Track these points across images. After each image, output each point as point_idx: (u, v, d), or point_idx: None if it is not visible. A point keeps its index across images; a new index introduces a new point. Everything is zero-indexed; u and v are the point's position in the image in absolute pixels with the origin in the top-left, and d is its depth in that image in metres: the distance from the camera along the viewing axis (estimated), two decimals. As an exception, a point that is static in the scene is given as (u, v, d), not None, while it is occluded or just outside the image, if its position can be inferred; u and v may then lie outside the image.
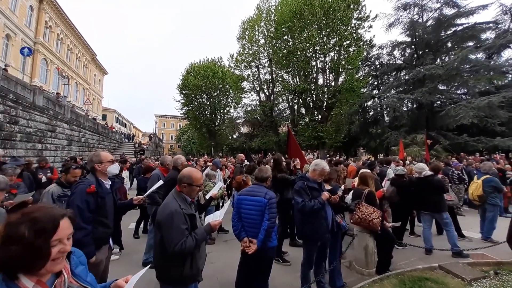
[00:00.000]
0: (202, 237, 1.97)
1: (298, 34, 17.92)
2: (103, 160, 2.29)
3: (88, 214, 2.10)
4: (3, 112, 9.12)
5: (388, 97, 17.21)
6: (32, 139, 10.93)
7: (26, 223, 0.83)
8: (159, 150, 30.51)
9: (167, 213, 1.87)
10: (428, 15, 17.58)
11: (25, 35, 20.07)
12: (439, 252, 4.15)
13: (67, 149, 14.11)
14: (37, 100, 11.55)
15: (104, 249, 2.30)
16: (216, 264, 3.88)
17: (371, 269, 3.52)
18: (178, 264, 1.88)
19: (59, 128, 13.45)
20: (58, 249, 0.88)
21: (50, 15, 23.18)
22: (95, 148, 18.51)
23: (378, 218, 3.29)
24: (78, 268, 1.07)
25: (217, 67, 28.82)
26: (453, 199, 5.17)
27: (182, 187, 2.01)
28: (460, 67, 14.92)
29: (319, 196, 2.85)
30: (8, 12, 17.93)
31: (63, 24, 25.65)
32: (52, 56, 23.74)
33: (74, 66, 28.57)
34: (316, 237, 2.88)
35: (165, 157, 4.14)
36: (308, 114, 20.25)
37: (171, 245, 1.78)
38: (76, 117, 16.43)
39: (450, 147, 12.64)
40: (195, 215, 2.04)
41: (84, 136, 17.09)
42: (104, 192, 2.23)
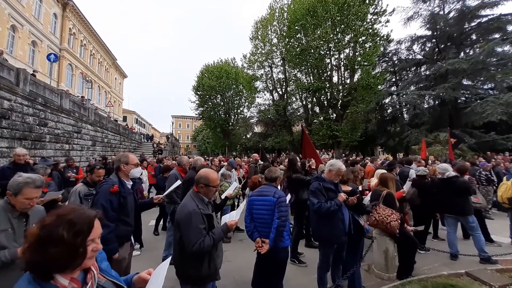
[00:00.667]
0: (219, 236, 2.01)
1: (311, 32, 17.65)
2: (130, 162, 2.41)
3: (112, 212, 2.21)
4: (33, 115, 9.79)
5: (407, 94, 16.56)
6: (60, 140, 11.64)
7: (64, 225, 0.87)
8: (176, 150, 31.36)
9: (185, 213, 1.92)
10: (450, 6, 16.69)
11: (50, 41, 21.38)
12: (465, 257, 3.94)
13: (91, 149, 14.88)
14: (64, 103, 12.28)
15: (126, 246, 2.41)
16: (232, 263, 3.94)
17: (391, 274, 3.40)
18: (196, 263, 1.93)
19: (84, 129, 14.22)
20: (92, 248, 0.93)
21: (74, 22, 24.52)
22: (117, 148, 19.37)
23: (396, 220, 3.17)
24: (103, 264, 1.13)
25: (231, 67, 29.14)
26: (481, 202, 4.86)
27: (200, 187, 2.06)
28: (486, 61, 14.03)
29: (335, 197, 2.80)
30: (33, 20, 19.09)
31: (85, 31, 27.05)
32: (77, 62, 25.13)
33: (97, 71, 30.06)
34: (332, 239, 2.83)
35: (182, 158, 4.27)
36: (322, 113, 19.91)
37: (190, 245, 1.83)
38: (99, 119, 17.29)
39: (476, 146, 11.92)
40: (212, 215, 2.09)
41: (107, 137, 17.93)
42: (126, 192, 2.34)
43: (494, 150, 12.79)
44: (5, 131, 8.26)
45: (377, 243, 3.52)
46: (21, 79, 9.33)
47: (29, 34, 18.85)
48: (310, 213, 3.23)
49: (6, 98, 8.38)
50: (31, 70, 15.75)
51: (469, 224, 4.06)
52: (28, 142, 9.38)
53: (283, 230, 2.55)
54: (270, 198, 2.62)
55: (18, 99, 8.98)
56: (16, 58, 17.15)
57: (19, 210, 1.72)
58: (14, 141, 8.62)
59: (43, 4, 20.32)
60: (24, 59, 18.21)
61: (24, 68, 10.54)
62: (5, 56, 12.16)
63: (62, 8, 23.02)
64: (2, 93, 8.22)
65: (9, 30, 16.94)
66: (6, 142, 8.29)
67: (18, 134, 8.83)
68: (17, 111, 8.91)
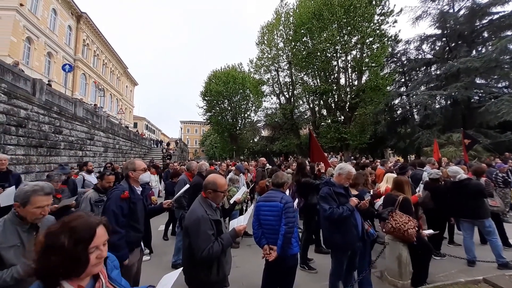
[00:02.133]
0: (228, 242, 2.00)
1: (317, 35, 17.63)
2: (137, 168, 2.46)
3: (122, 218, 2.25)
4: (48, 123, 10.19)
5: (417, 94, 16.19)
6: (74, 147, 12.04)
7: (65, 233, 0.88)
8: (185, 154, 31.73)
9: (194, 219, 1.92)
10: (460, 4, 16.32)
11: (65, 52, 22.32)
12: (483, 263, 3.77)
13: (103, 155, 15.29)
14: (78, 111, 12.73)
15: (136, 252, 2.44)
16: (241, 269, 3.91)
17: (405, 281, 3.28)
18: (205, 270, 1.93)
19: (96, 136, 14.67)
20: (96, 255, 0.93)
21: (87, 33, 25.54)
22: (128, 154, 19.83)
23: (414, 228, 3.01)
24: (113, 273, 1.13)
25: (237, 72, 29.49)
26: (499, 205, 4.64)
27: (208, 193, 2.06)
28: (500, 58, 13.56)
29: (346, 202, 2.72)
30: (48, 32, 20.00)
31: (98, 41, 28.09)
32: (90, 71, 26.09)
33: (109, 79, 31.09)
34: (346, 246, 2.73)
35: (191, 163, 4.32)
36: (330, 115, 19.73)
37: (199, 251, 1.83)
38: (111, 126, 17.79)
39: (491, 147, 11.45)
40: (220, 220, 2.08)
41: (118, 143, 18.40)
42: (136, 198, 2.39)
43: (511, 151, 12.26)
44: (22, 139, 8.62)
45: (390, 248, 3.41)
46: (37, 89, 9.75)
47: (44, 46, 19.74)
48: (321, 218, 3.17)
49: (22, 108, 8.77)
50: (46, 80, 16.44)
51: (486, 228, 3.89)
52: (44, 150, 9.75)
53: (290, 236, 2.50)
54: (276, 204, 2.58)
55: (34, 108, 9.38)
56: (33, 69, 17.96)
57: (30, 221, 1.59)
58: (30, 148, 8.98)
59: (58, 17, 21.30)
60: (40, 69, 19.05)
61: (40, 78, 11.03)
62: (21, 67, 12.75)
63: (76, 20, 24.05)
64: (19, 102, 8.61)
65: (24, 41, 17.79)
66: (23, 150, 8.64)
67: (34, 142, 9.19)
68: (33, 120, 9.30)
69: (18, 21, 16.98)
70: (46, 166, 9.67)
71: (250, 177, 8.19)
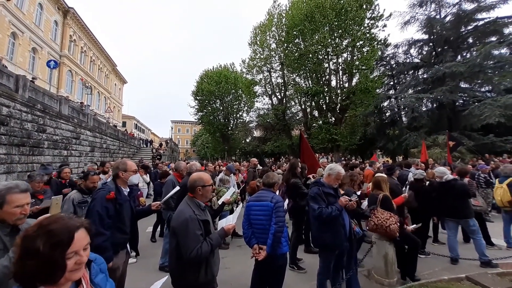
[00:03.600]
0: (217, 242, 1.98)
1: (309, 37, 17.81)
2: (128, 169, 2.40)
3: (108, 220, 2.18)
4: (31, 121, 9.79)
5: (405, 97, 16.59)
6: (59, 146, 11.62)
7: (41, 237, 0.83)
8: (175, 155, 31.29)
9: (182, 220, 1.89)
10: (446, 11, 16.88)
11: (51, 48, 21.54)
12: (466, 261, 3.90)
13: (90, 155, 14.84)
14: (63, 109, 12.31)
15: (122, 254, 2.36)
16: (230, 270, 3.89)
17: (391, 279, 3.36)
18: (193, 271, 1.90)
19: (82, 135, 14.22)
20: (75, 260, 0.88)
21: (74, 29, 24.76)
22: (116, 153, 19.34)
23: (395, 223, 3.13)
24: (98, 277, 1.07)
25: (230, 72, 29.38)
26: (481, 205, 4.83)
27: (197, 191, 2.04)
28: (483, 64, 14.11)
29: (335, 202, 2.76)
30: (33, 27, 19.25)
31: (86, 37, 27.29)
32: (77, 68, 25.29)
33: (97, 77, 30.23)
34: (334, 245, 2.77)
35: (179, 163, 4.21)
36: (321, 117, 19.97)
37: (187, 252, 1.80)
38: (98, 125, 17.29)
39: (475, 148, 11.92)
40: (209, 220, 2.06)
41: (106, 142, 17.91)
42: (122, 199, 2.32)
43: (493, 153, 12.80)
44: (3, 138, 8.25)
45: (377, 247, 3.48)
46: (21, 86, 9.36)
47: (29, 41, 19.00)
48: (310, 218, 3.20)
49: (5, 105, 8.39)
50: (30, 76, 15.83)
51: (470, 227, 4.03)
52: (26, 149, 9.36)
53: (280, 235, 2.52)
54: (267, 203, 2.59)
55: (17, 106, 8.99)
56: (16, 65, 17.26)
57: (12, 223, 1.51)
58: (12, 147, 8.60)
59: (44, 12, 20.56)
60: (24, 65, 18.32)
61: (24, 74, 10.58)
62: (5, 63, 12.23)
63: (63, 15, 23.28)
64: (1, 99, 8.24)
65: (9, 37, 17.09)
66: (4, 149, 8.27)
67: (16, 141, 8.81)
68: (16, 118, 8.91)
69: (4, 16, 16.33)
70: (28, 166, 9.29)
71: (241, 177, 8.17)
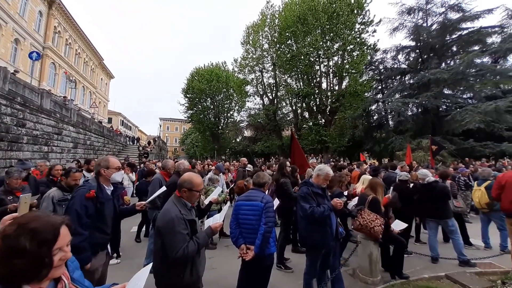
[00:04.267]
0: (204, 240, 1.96)
1: (301, 39, 18.00)
2: (111, 166, 2.29)
3: (86, 219, 2.08)
4: (10, 115, 9.29)
5: (392, 102, 17.11)
6: (39, 142, 11.10)
7: (25, 235, 0.82)
8: (163, 153, 30.69)
9: (167, 219, 1.85)
10: (433, 19, 17.53)
11: (34, 39, 20.56)
12: (445, 260, 4.04)
13: (72, 152, 14.28)
14: (44, 103, 11.76)
15: (101, 255, 2.26)
16: (217, 270, 3.84)
17: (375, 278, 3.43)
18: (178, 271, 1.86)
19: (65, 131, 13.65)
20: (60, 257, 0.88)
21: (59, 20, 23.74)
22: (100, 151, 18.71)
23: (380, 226, 3.21)
24: (75, 273, 1.07)
25: (221, 71, 29.16)
26: (462, 206, 5.05)
27: (182, 192, 2.00)
28: (466, 71, 14.76)
29: (323, 202, 2.80)
30: (17, 17, 18.34)
31: (71, 29, 26.24)
32: (61, 61, 24.25)
33: (82, 70, 29.11)
34: (321, 245, 2.81)
35: (167, 161, 4.09)
36: (311, 118, 20.22)
37: (173, 252, 1.77)
38: (82, 120, 16.66)
39: (456, 152, 12.43)
40: (195, 220, 2.03)
41: (90, 139, 17.30)
42: (104, 198, 2.22)
43: (473, 157, 13.43)
44: (-21, 131, 7.79)
45: (362, 247, 3.55)
46: (1, 78, 8.87)
47: (12, 32, 18.07)
48: (297, 218, 3.21)
49: (-20, 97, 7.92)
50: (11, 68, 15.02)
51: (449, 227, 4.20)
52: (5, 144, 8.88)
53: (269, 236, 2.51)
54: (257, 203, 2.57)
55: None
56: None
57: None
58: (-12, 142, 8.14)
59: (29, 2, 19.60)
60: (5, 57, 17.41)
61: (5, 66, 10.03)
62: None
63: (48, 6, 22.27)
64: (-23, 91, 7.77)
65: (-9, 27, 16.18)
66: (-21, 143, 7.81)
67: (-7, 135, 8.34)
68: (-7, 111, 8.44)
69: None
70: (6, 162, 8.81)
71: (230, 177, 8.12)
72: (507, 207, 3.33)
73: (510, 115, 13.00)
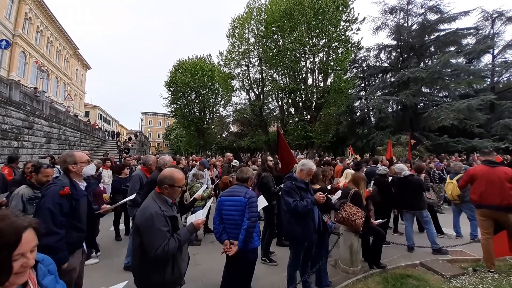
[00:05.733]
0: (186, 237, 1.91)
1: (288, 34, 17.97)
2: (78, 161, 2.15)
3: (61, 218, 1.96)
4: (-26, 107, 8.53)
5: (374, 99, 17.65)
6: (8, 136, 10.31)
7: None
8: (145, 148, 29.73)
9: (147, 216, 1.79)
10: (413, 19, 18.16)
11: (4, 27, 18.86)
12: (420, 249, 4.29)
13: (45, 147, 13.41)
14: (13, 95, 10.88)
15: (78, 254, 2.16)
16: (201, 266, 3.80)
17: (355, 268, 3.56)
18: (159, 269, 1.80)
19: (36, 124, 12.76)
20: (21, 263, 0.82)
21: (30, 6, 21.90)
22: (76, 146, 17.73)
23: (361, 219, 3.32)
24: (45, 279, 1.01)
25: (206, 64, 28.50)
26: (433, 198, 5.36)
27: (163, 188, 1.94)
28: (442, 71, 15.53)
29: (306, 196, 2.84)
30: (-14, 3, 16.79)
31: (43, 16, 24.33)
32: (31, 49, 22.47)
33: (54, 60, 27.16)
34: (303, 238, 2.86)
35: (148, 157, 3.91)
36: (297, 114, 20.40)
37: (153, 249, 1.71)
38: (56, 114, 15.62)
39: (432, 148, 13.14)
40: (176, 217, 1.97)
41: (65, 133, 16.31)
42: (78, 195, 2.10)
43: (447, 152, 14.26)
44: None
45: (343, 239, 3.66)
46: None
47: (-20, 19, 16.44)
48: (281, 212, 3.23)
49: None
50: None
51: (423, 218, 4.46)
52: (-33, 138, 8.15)
53: (253, 231, 2.51)
54: (240, 199, 2.55)
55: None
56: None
57: None
58: None
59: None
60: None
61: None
62: None
63: (19, -12, 20.46)
64: None
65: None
66: None
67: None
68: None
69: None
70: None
71: (215, 172, 8.03)
72: (477, 199, 3.56)
73: (481, 113, 13.91)
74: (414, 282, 3.16)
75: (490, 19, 16.72)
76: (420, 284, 3.13)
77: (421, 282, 3.16)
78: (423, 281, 3.19)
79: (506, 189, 3.31)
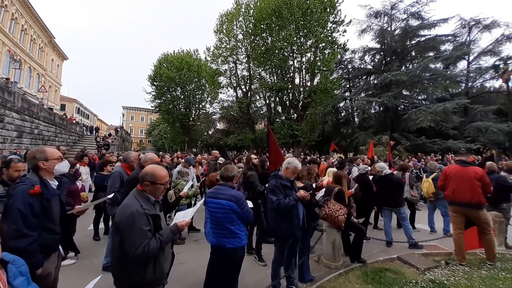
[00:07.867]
0: (168, 238, 1.85)
1: (276, 33, 18.01)
2: (49, 158, 1.99)
3: (33, 219, 1.81)
4: None
5: (358, 100, 18.18)
6: (-27, 129, 9.53)
7: None
8: (126, 144, 28.71)
9: (127, 214, 1.72)
10: (396, 24, 18.89)
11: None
12: (398, 244, 4.52)
13: (16, 142, 12.56)
14: (-21, 84, 10.06)
15: (53, 257, 2.02)
16: (185, 265, 3.74)
17: (337, 263, 3.67)
18: (139, 269, 1.74)
19: (7, 117, 11.90)
20: None
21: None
22: (51, 141, 16.75)
23: (343, 215, 3.44)
24: (17, 280, 0.97)
25: (193, 59, 27.83)
26: (417, 196, 5.68)
27: (145, 185, 1.87)
28: (422, 75, 16.31)
29: (291, 194, 2.88)
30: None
31: (19, 2, 22.62)
32: (4, 37, 20.84)
33: (28, 49, 25.35)
34: (288, 234, 2.91)
35: (129, 153, 3.70)
36: (284, 113, 20.56)
37: (132, 249, 1.65)
38: (28, 106, 14.63)
39: (410, 148, 13.79)
40: (159, 215, 1.91)
41: (38, 127, 15.33)
42: (50, 194, 1.95)
43: (424, 152, 15.05)
44: None
45: (326, 235, 3.76)
46: None
47: None
48: (267, 209, 3.25)
49: None
50: None
51: (401, 214, 4.68)
52: None
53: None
54: (226, 202, 2.49)
55: None
56: None
57: None
58: None
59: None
60: None
61: None
62: None
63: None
64: None
65: None
66: None
67: None
68: None
69: None
70: None
71: (201, 170, 7.91)
72: (450, 196, 3.79)
73: (456, 116, 14.80)
74: (392, 275, 3.32)
75: (467, 27, 17.76)
76: (397, 277, 3.28)
77: (398, 275, 3.32)
78: (400, 274, 3.35)
79: (476, 187, 3.55)
